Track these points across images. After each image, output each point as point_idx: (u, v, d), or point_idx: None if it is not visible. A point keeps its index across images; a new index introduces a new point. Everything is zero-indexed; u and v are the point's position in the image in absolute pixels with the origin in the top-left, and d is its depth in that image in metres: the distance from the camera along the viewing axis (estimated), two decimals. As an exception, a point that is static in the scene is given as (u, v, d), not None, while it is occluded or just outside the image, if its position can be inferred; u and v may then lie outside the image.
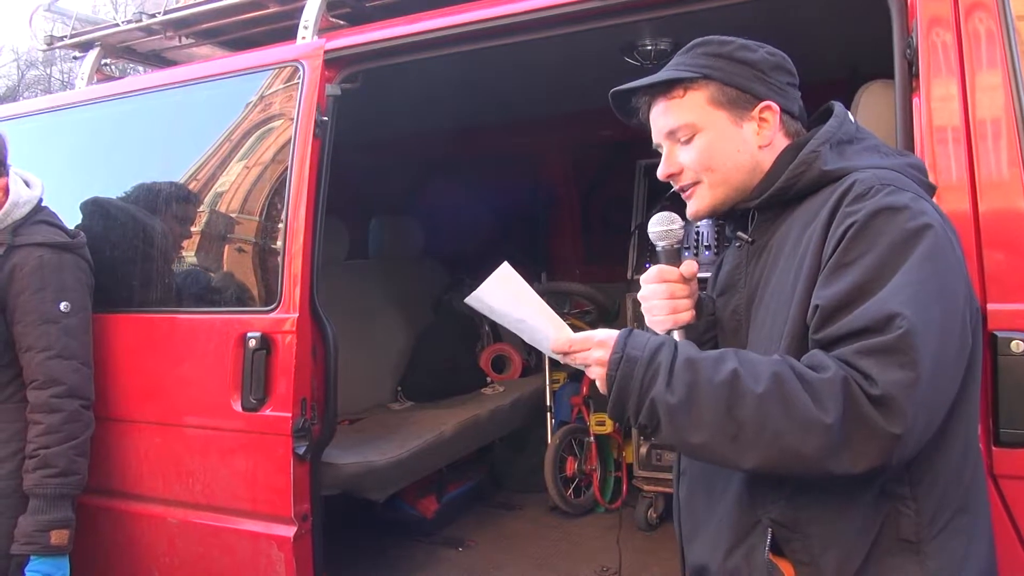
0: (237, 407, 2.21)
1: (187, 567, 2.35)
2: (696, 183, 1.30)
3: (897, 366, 0.99)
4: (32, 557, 2.11)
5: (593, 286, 3.76)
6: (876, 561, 1.09)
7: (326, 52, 2.29)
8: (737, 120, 1.27)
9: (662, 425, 1.09)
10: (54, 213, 2.37)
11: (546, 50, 2.50)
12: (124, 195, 2.58)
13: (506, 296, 1.21)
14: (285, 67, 2.36)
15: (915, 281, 1.03)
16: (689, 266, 1.32)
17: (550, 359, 3.72)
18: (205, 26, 2.81)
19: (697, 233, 3.31)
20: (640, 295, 1.34)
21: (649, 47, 2.88)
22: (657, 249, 1.34)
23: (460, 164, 4.49)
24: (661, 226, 1.33)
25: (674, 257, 1.33)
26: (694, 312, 1.33)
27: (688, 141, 1.29)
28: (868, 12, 1.77)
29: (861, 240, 1.07)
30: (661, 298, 1.31)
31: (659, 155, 1.35)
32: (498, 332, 4.32)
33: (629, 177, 3.74)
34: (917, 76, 1.56)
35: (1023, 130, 1.46)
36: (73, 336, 2.23)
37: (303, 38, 2.38)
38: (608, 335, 1.17)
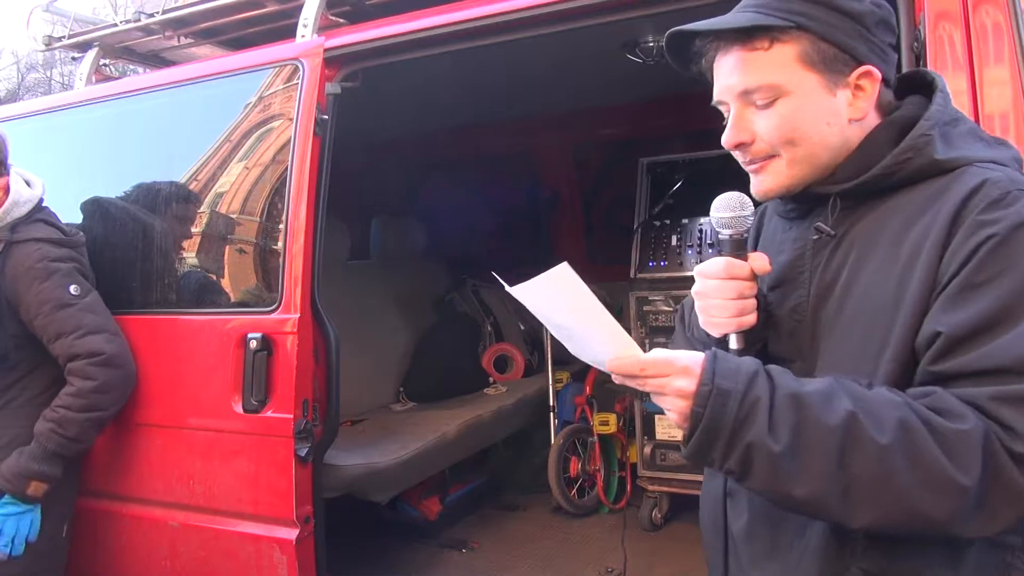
0: (238, 409, 2.19)
1: (188, 570, 2.33)
2: (772, 156, 1.07)
3: None
4: (5, 497, 2.15)
5: (596, 285, 3.75)
6: None
7: (326, 50, 2.27)
8: (830, 86, 1.04)
9: (755, 472, 0.91)
10: (53, 213, 2.37)
11: (547, 47, 2.49)
12: (124, 196, 2.57)
13: (559, 298, 0.99)
14: (285, 66, 2.35)
15: None
16: (761, 261, 1.08)
17: (553, 358, 3.78)
18: (204, 26, 2.80)
19: (700, 230, 3.24)
20: (698, 291, 1.10)
21: (651, 43, 2.86)
22: (721, 238, 1.10)
23: (461, 163, 4.48)
24: (729, 211, 1.09)
25: (740, 248, 1.09)
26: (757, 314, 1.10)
27: (768, 105, 1.05)
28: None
29: (1000, 258, 0.90)
30: (726, 297, 1.07)
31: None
32: (500, 332, 4.31)
33: (632, 175, 3.72)
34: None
35: (1033, 124, 1.44)
36: (95, 312, 2.26)
37: (302, 36, 2.37)
38: (692, 360, 0.94)
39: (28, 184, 2.33)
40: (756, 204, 1.12)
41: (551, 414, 3.71)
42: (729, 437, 0.91)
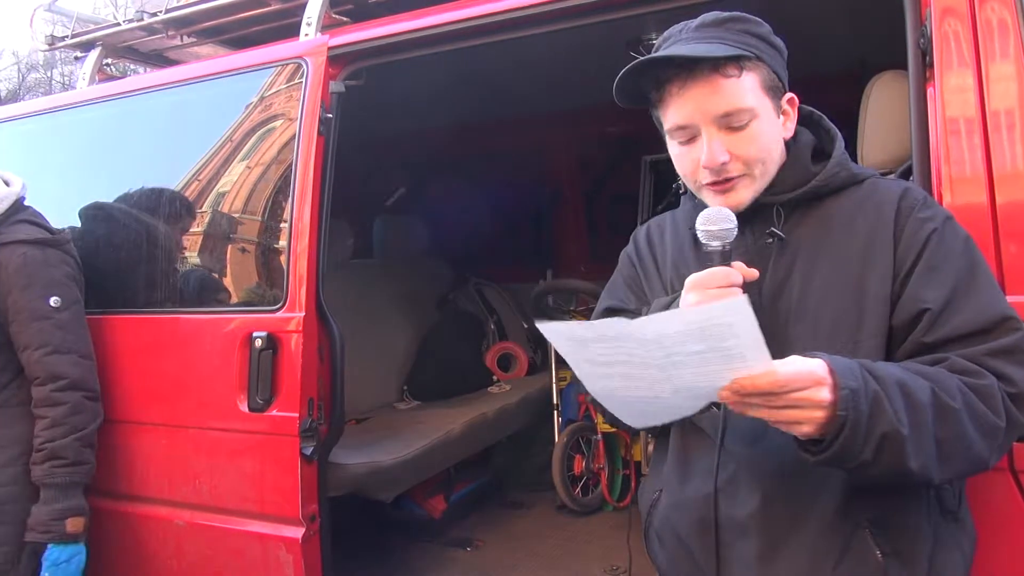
0: (243, 408, 2.19)
1: (194, 569, 2.34)
2: (743, 175, 1.20)
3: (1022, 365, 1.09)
4: (50, 545, 2.11)
5: (598, 283, 3.74)
6: (936, 535, 1.15)
7: (330, 49, 2.27)
8: (776, 109, 1.22)
9: (883, 458, 1.00)
10: (38, 212, 2.35)
11: (551, 45, 2.48)
12: (129, 195, 2.57)
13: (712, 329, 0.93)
14: (288, 64, 2.35)
15: (994, 283, 1.16)
16: (747, 269, 1.15)
17: (556, 356, 3.77)
18: (206, 25, 2.80)
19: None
20: (698, 300, 1.13)
21: (655, 41, 2.84)
22: (710, 250, 1.15)
23: (464, 161, 4.47)
24: (716, 224, 1.15)
25: (727, 259, 1.15)
26: None
27: (743, 127, 1.18)
28: (878, 2, 1.75)
29: (944, 245, 1.15)
30: None
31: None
32: (503, 330, 4.30)
33: (635, 173, 3.71)
34: (931, 66, 1.54)
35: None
36: (68, 330, 2.22)
37: (306, 35, 2.36)
38: (818, 366, 0.98)
39: (7, 183, 2.31)
40: (764, 208, 1.24)
41: (555, 412, 3.72)
42: (866, 433, 0.98)
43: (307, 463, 2.14)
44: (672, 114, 1.21)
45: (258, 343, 2.16)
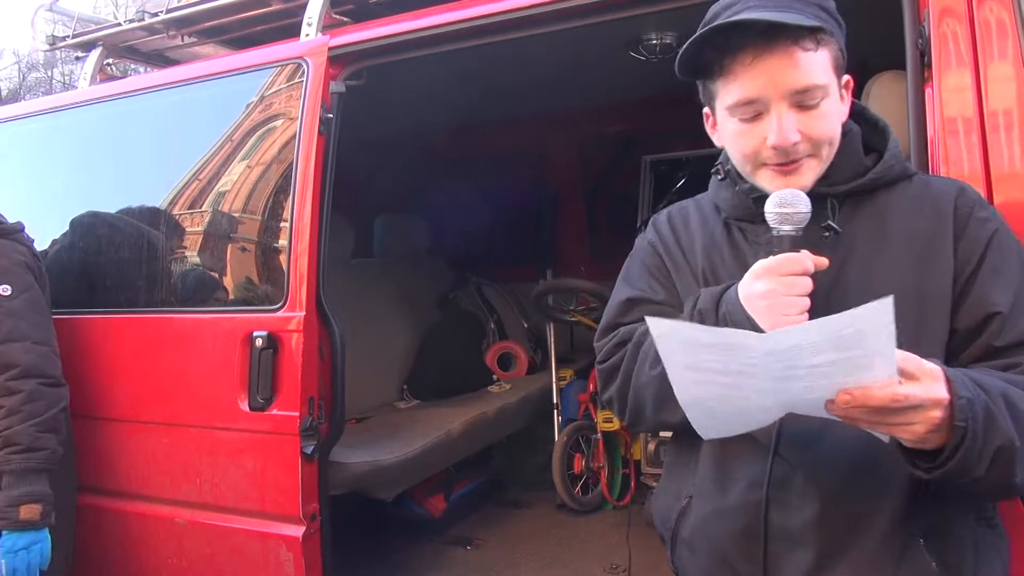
0: (244, 407, 2.20)
1: (195, 568, 2.35)
2: (810, 156, 1.13)
3: None
4: (4, 532, 2.07)
5: (599, 283, 3.75)
6: (976, 543, 1.12)
7: (330, 49, 2.28)
8: (839, 90, 1.16)
9: (995, 470, 0.96)
10: None
11: (552, 45, 2.49)
12: (130, 196, 2.58)
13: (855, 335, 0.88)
14: (289, 64, 2.35)
15: None
16: (821, 259, 1.08)
17: (556, 355, 3.78)
18: (207, 25, 2.81)
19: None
20: (769, 290, 1.07)
21: (654, 41, 2.86)
22: (782, 233, 1.09)
23: (465, 161, 4.48)
24: (792, 207, 1.08)
25: (799, 245, 1.08)
26: None
27: (816, 106, 1.11)
28: (877, 3, 1.75)
29: (1003, 246, 1.12)
30: (799, 293, 1.06)
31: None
32: (503, 330, 4.31)
33: (635, 173, 3.72)
34: (929, 67, 1.54)
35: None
36: (20, 317, 2.17)
37: (307, 35, 2.37)
38: (933, 367, 0.94)
39: None
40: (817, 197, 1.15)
41: (555, 411, 3.73)
42: (983, 445, 0.94)
43: (307, 462, 2.15)
44: (738, 87, 1.13)
45: (259, 342, 2.16)
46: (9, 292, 2.17)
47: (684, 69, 1.18)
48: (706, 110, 1.26)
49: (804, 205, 1.09)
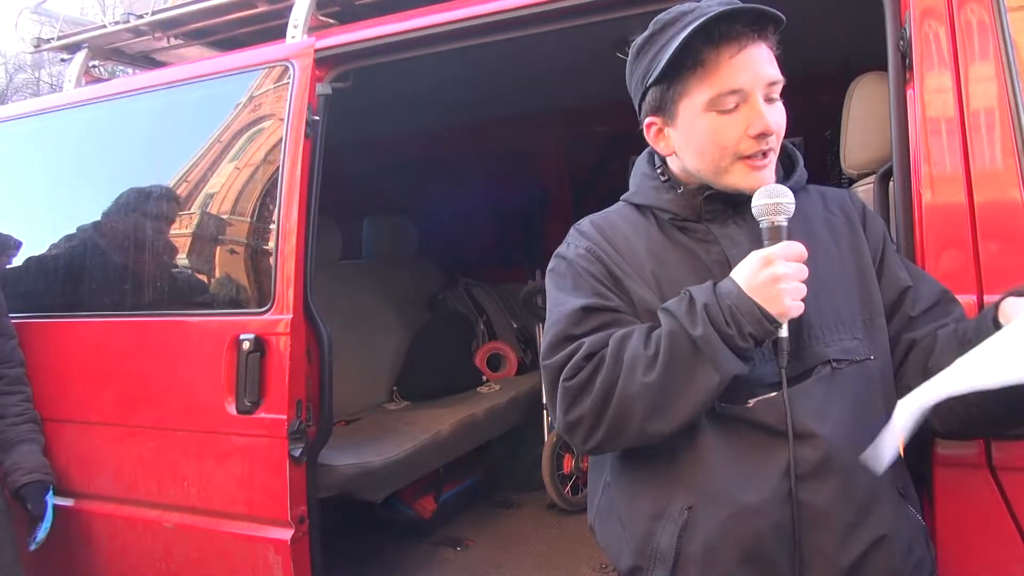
0: (232, 410, 2.19)
1: (183, 571, 2.34)
2: (772, 150, 1.20)
3: None
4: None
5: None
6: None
7: (316, 51, 2.27)
8: None
9: None
10: None
11: (538, 46, 2.48)
12: (116, 198, 2.57)
13: None
14: (275, 67, 2.34)
15: None
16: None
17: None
18: (193, 26, 2.79)
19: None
20: (783, 274, 1.10)
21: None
22: (777, 224, 1.15)
23: (453, 162, 4.48)
24: (785, 197, 1.15)
25: (786, 236, 1.15)
26: None
27: (776, 100, 1.19)
28: (860, 4, 1.76)
29: (888, 236, 1.35)
30: (802, 278, 1.12)
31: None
32: (493, 330, 4.31)
33: (622, 173, 3.72)
34: (911, 68, 1.55)
35: (1017, 121, 1.45)
36: None
37: (293, 37, 2.36)
38: None
39: None
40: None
41: (544, 412, 3.73)
42: None
43: (296, 465, 2.14)
44: (721, 78, 1.16)
45: (246, 345, 2.16)
46: None
47: (664, 68, 1.19)
48: (649, 120, 1.29)
49: (789, 197, 1.15)
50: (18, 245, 2.44)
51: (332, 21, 2.50)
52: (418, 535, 3.32)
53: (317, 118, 2.23)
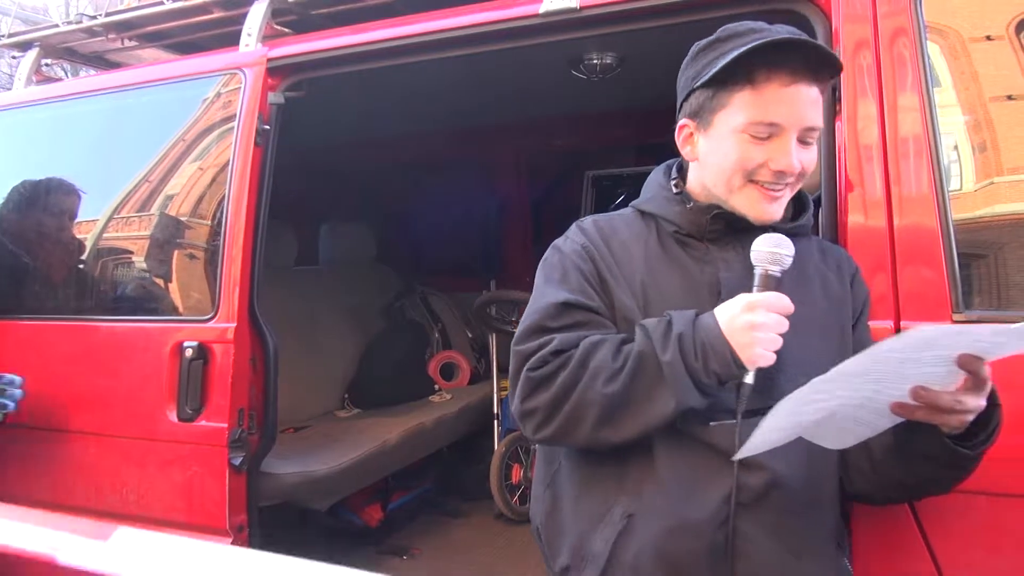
0: (173, 417, 2.18)
1: (120, 580, 2.31)
2: (789, 187, 1.24)
3: None
4: None
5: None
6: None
7: (269, 60, 2.27)
8: None
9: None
10: None
11: (495, 61, 2.51)
12: (60, 201, 2.53)
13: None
14: (227, 74, 2.34)
15: None
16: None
17: (498, 366, 3.80)
18: (148, 29, 2.77)
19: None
20: (760, 323, 1.11)
21: (595, 61, 2.92)
22: (771, 274, 1.17)
23: (413, 171, 4.49)
24: (787, 249, 1.17)
25: (780, 286, 1.17)
26: None
27: (810, 144, 1.23)
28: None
29: (868, 307, 1.39)
30: (780, 331, 1.12)
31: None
32: (448, 339, 4.32)
33: (578, 187, 3.78)
34: (839, 100, 1.61)
35: (936, 150, 1.51)
36: None
37: (246, 45, 2.36)
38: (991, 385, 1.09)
39: None
40: (763, 229, 1.24)
41: (495, 421, 3.75)
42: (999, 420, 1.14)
43: (236, 473, 2.14)
44: (766, 107, 1.18)
45: (188, 353, 2.15)
46: None
47: (716, 74, 1.21)
48: (684, 122, 1.30)
49: (790, 249, 1.18)
50: None
51: (287, 30, 2.50)
52: (364, 543, 3.31)
53: (268, 127, 2.23)
